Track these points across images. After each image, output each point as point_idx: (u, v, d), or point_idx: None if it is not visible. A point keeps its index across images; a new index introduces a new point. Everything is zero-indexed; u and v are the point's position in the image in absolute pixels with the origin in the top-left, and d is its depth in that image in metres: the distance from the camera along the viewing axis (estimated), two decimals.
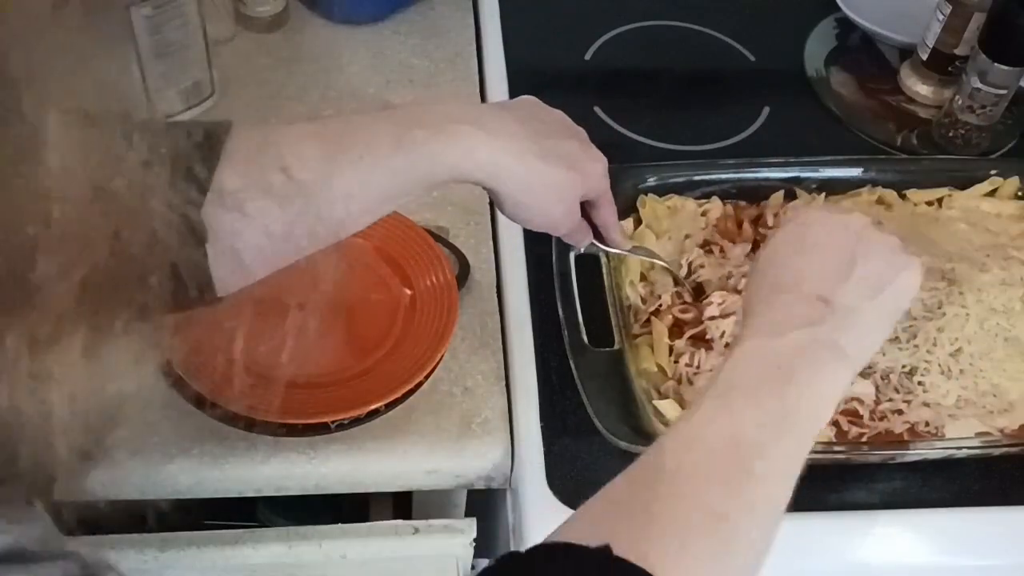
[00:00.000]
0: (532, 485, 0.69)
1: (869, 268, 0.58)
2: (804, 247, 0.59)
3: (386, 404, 0.70)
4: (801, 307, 0.55)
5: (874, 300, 0.57)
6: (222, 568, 0.71)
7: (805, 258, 0.59)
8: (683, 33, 1.06)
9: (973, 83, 0.90)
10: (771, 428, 0.50)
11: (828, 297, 0.56)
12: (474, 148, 0.58)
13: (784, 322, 0.55)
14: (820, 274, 0.57)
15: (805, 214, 0.63)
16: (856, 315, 0.56)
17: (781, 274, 0.58)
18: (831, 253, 0.59)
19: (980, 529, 0.70)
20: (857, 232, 0.60)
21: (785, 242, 0.60)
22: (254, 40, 0.99)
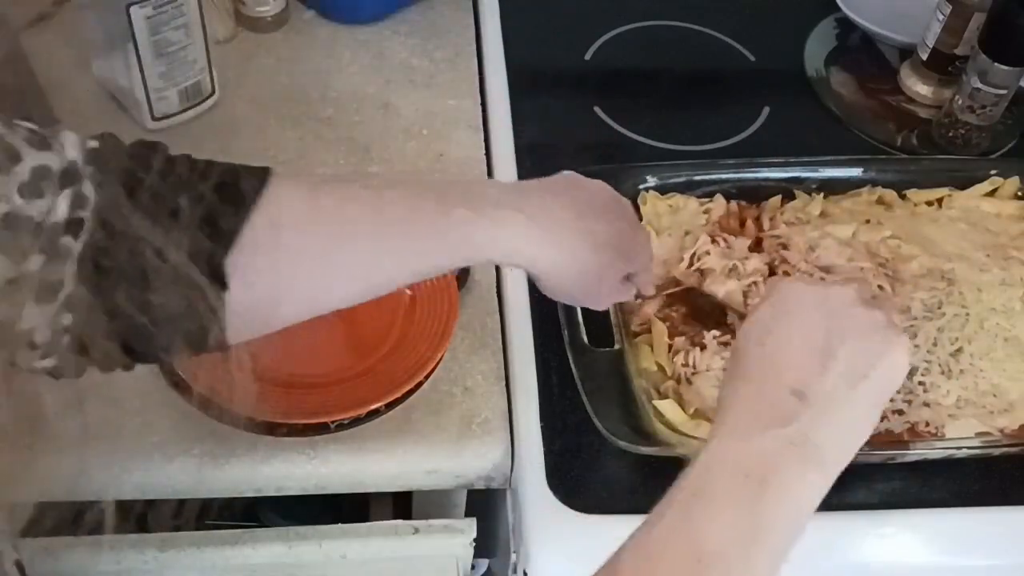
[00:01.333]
0: (532, 485, 0.69)
1: (851, 351, 0.52)
2: (777, 328, 0.54)
3: (386, 404, 0.70)
4: (772, 403, 0.50)
5: (855, 390, 0.51)
6: (222, 568, 0.71)
7: (778, 342, 0.53)
8: (683, 33, 1.06)
9: (973, 83, 0.90)
10: (738, 543, 0.46)
11: (802, 390, 0.50)
12: (516, 236, 0.57)
13: (753, 422, 0.50)
14: (793, 362, 0.52)
15: (780, 288, 0.56)
16: (835, 410, 0.51)
17: (752, 362, 0.53)
18: (810, 334, 0.53)
19: (980, 529, 0.70)
20: (835, 309, 0.54)
21: (758, 323, 0.55)
22: (254, 40, 0.99)
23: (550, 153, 0.90)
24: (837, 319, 0.53)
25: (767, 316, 0.55)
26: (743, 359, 0.54)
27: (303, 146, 0.90)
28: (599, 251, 0.60)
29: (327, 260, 0.53)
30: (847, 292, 0.55)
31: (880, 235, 0.80)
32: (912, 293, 0.76)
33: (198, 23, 0.84)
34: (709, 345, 0.73)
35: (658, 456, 0.68)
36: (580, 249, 0.59)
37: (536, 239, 0.57)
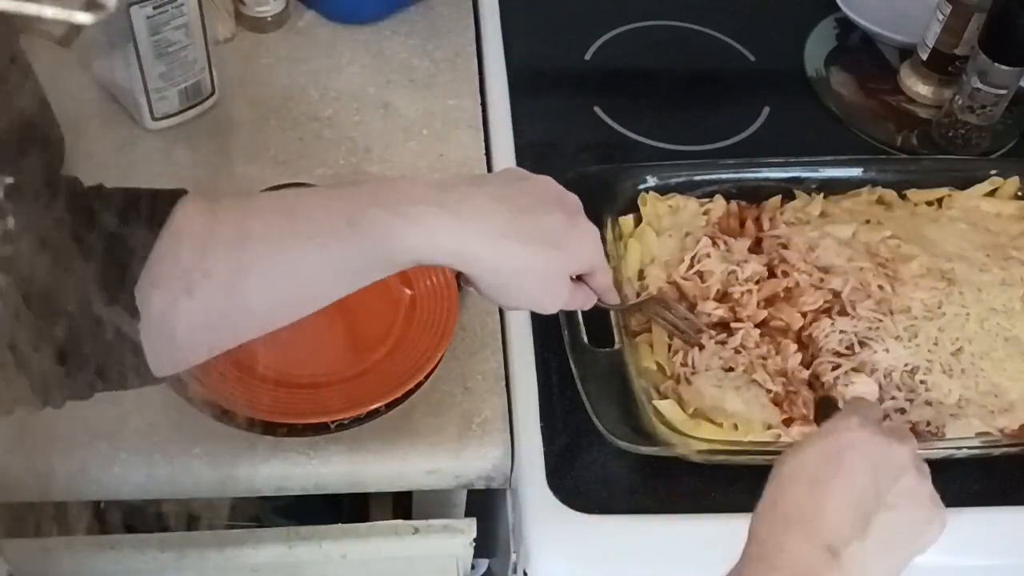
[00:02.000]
0: (532, 485, 0.69)
1: (893, 521, 0.52)
2: (830, 476, 0.52)
3: (386, 404, 0.70)
4: (806, 553, 0.50)
5: (884, 560, 0.52)
6: (222, 568, 0.71)
7: (827, 492, 0.52)
8: (683, 33, 1.06)
9: (973, 83, 0.90)
10: None
11: (838, 550, 0.50)
12: (435, 232, 0.53)
13: (785, 566, 0.50)
14: (837, 518, 0.51)
15: (845, 430, 0.54)
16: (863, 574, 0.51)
17: (796, 503, 0.52)
18: (857, 494, 0.52)
19: (980, 529, 0.70)
20: (894, 474, 0.53)
21: (812, 462, 0.53)
22: (254, 40, 0.99)
23: (550, 153, 0.90)
24: (888, 484, 0.52)
25: (822, 457, 0.53)
26: (785, 496, 0.53)
27: (303, 146, 0.90)
28: (531, 246, 0.56)
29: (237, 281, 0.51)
30: (904, 455, 0.54)
31: (880, 235, 0.80)
32: (912, 293, 0.76)
33: (198, 23, 0.84)
34: (708, 345, 0.73)
35: (658, 456, 0.68)
36: (510, 245, 0.55)
37: (460, 235, 0.54)
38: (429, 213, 0.53)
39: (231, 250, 0.51)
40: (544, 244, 0.56)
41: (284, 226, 0.52)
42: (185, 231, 0.50)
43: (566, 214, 0.58)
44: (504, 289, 0.57)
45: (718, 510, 0.68)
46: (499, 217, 0.55)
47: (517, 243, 0.55)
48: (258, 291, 0.52)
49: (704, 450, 0.68)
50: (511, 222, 0.55)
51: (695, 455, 0.68)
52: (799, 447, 0.54)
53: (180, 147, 0.88)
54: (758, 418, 0.70)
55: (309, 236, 0.52)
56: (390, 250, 0.53)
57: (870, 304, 0.75)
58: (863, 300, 0.75)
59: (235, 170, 0.87)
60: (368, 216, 0.52)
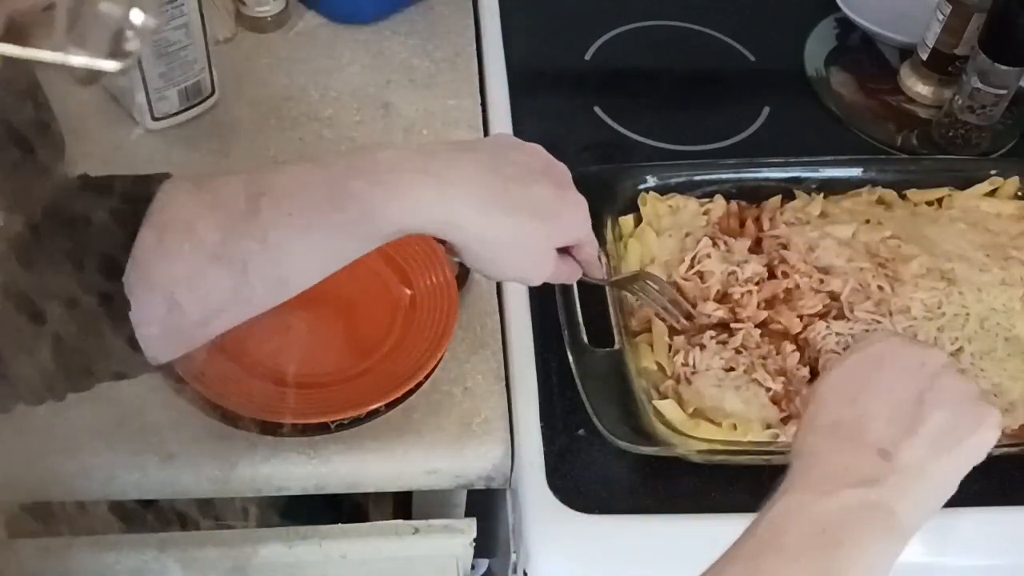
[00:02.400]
0: (532, 485, 0.69)
1: (941, 419, 0.51)
2: (870, 384, 0.52)
3: (386, 404, 0.70)
4: (858, 460, 0.50)
5: (940, 460, 0.51)
6: (222, 568, 0.71)
7: (869, 399, 0.52)
8: (683, 33, 1.06)
9: (973, 83, 0.90)
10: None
11: (890, 451, 0.50)
12: (420, 199, 0.52)
13: (836, 477, 0.49)
14: (884, 421, 0.51)
15: (877, 342, 0.55)
16: (919, 477, 0.50)
17: (840, 414, 0.52)
18: (900, 396, 0.51)
19: (980, 529, 0.70)
20: (932, 373, 0.52)
21: (849, 375, 0.53)
22: (254, 40, 0.99)
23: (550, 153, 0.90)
24: (929, 384, 0.52)
25: (859, 369, 0.53)
26: (827, 410, 0.52)
27: (303, 146, 0.90)
28: (517, 215, 0.54)
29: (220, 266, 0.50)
30: (940, 356, 0.53)
31: (880, 235, 0.80)
32: (912, 293, 0.76)
33: (198, 23, 0.84)
34: (708, 345, 0.73)
35: (658, 456, 0.68)
36: (496, 215, 0.54)
37: (445, 203, 0.52)
38: (413, 181, 0.52)
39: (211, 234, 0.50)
40: (531, 215, 0.55)
41: (264, 208, 0.51)
42: (168, 218, 0.50)
43: (555, 185, 0.57)
44: (489, 259, 0.56)
45: (718, 510, 0.68)
46: (486, 185, 0.53)
47: (504, 213, 0.54)
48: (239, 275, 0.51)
49: (704, 450, 0.68)
50: (498, 191, 0.54)
51: (695, 455, 0.68)
52: (835, 364, 0.54)
53: (180, 147, 0.88)
54: (758, 417, 0.70)
55: (290, 219, 0.50)
56: (374, 222, 0.52)
57: (868, 306, 0.75)
58: (862, 301, 0.75)
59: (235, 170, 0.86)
60: (349, 190, 0.51)
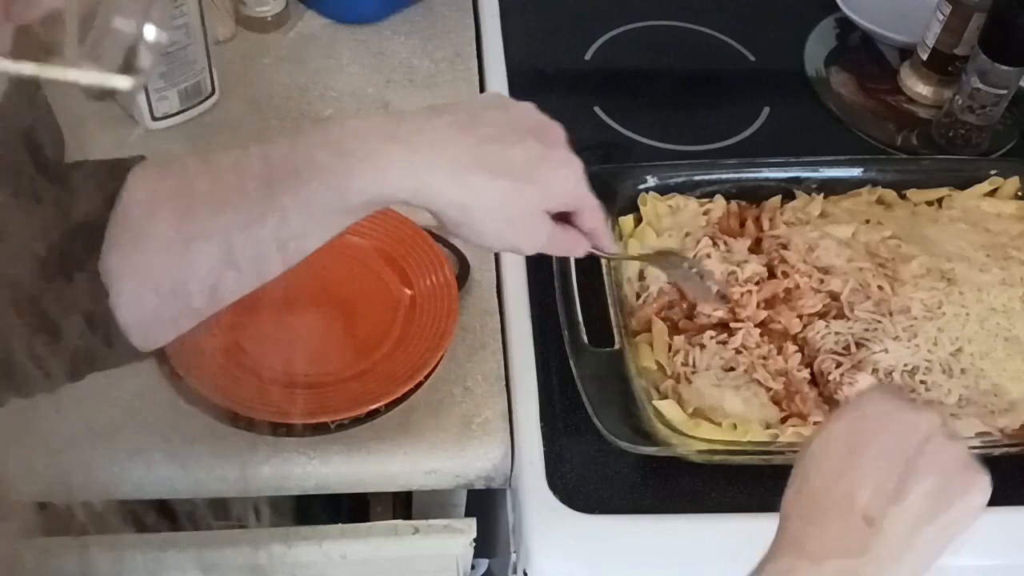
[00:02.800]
0: (532, 485, 0.69)
1: (928, 486, 0.50)
2: (859, 448, 0.51)
3: (386, 404, 0.70)
4: (843, 529, 0.49)
5: (927, 527, 0.50)
6: (222, 568, 0.71)
7: (857, 464, 0.50)
8: (683, 33, 1.06)
9: (973, 83, 0.90)
10: None
11: (876, 520, 0.49)
12: (388, 167, 0.49)
13: (822, 547, 0.49)
14: (872, 489, 0.50)
15: (867, 404, 0.53)
16: (904, 546, 0.49)
17: (827, 481, 0.51)
18: (889, 462, 0.50)
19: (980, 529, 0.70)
20: (923, 438, 0.51)
21: (838, 439, 0.52)
22: (254, 40, 0.99)
23: None
24: (921, 450, 0.51)
25: (850, 431, 0.52)
26: (817, 473, 0.51)
27: None
28: (497, 179, 0.51)
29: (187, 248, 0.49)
30: (931, 420, 0.52)
31: (880, 235, 0.80)
32: (912, 293, 0.76)
33: (198, 23, 0.84)
34: (708, 345, 0.73)
35: (658, 456, 0.68)
36: (472, 177, 0.51)
37: (413, 169, 0.49)
38: (378, 148, 0.49)
39: (178, 216, 0.49)
40: (512, 176, 0.52)
41: (231, 184, 0.49)
42: (137, 199, 0.49)
43: (542, 144, 0.53)
44: (471, 227, 0.53)
45: (718, 510, 0.68)
46: (460, 147, 0.51)
47: (480, 175, 0.51)
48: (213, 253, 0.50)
49: (704, 450, 0.68)
50: (473, 152, 0.51)
51: (695, 455, 0.68)
52: (824, 427, 0.53)
53: (180, 147, 0.88)
54: (757, 417, 0.70)
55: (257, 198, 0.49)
56: (342, 194, 0.50)
57: (868, 305, 0.75)
58: (862, 301, 0.75)
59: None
60: (314, 162, 0.49)
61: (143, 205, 0.49)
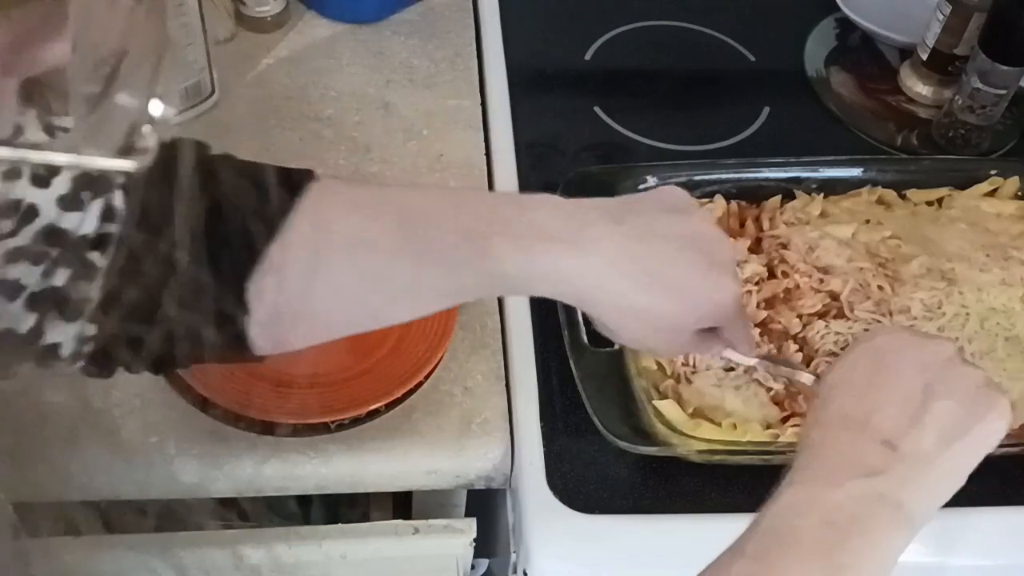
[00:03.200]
0: (532, 485, 0.69)
1: (947, 409, 0.50)
2: (875, 376, 0.51)
3: (386, 404, 0.70)
4: (863, 452, 0.49)
5: (948, 449, 0.50)
6: (222, 568, 0.71)
7: (876, 391, 0.51)
8: (683, 33, 1.06)
9: (973, 83, 0.90)
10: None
11: (895, 442, 0.49)
12: (558, 270, 0.51)
13: (842, 469, 0.48)
14: (891, 413, 0.50)
15: (883, 334, 0.54)
16: (926, 467, 0.49)
17: (845, 406, 0.51)
18: (905, 386, 0.51)
19: (980, 529, 0.70)
20: (940, 363, 0.52)
21: (854, 367, 0.52)
22: (254, 40, 0.99)
23: (550, 153, 0.90)
24: (936, 374, 0.51)
25: (865, 361, 0.52)
26: (833, 403, 0.51)
27: (303, 146, 0.90)
28: (655, 295, 0.52)
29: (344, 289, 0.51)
30: (947, 347, 0.53)
31: (880, 235, 0.80)
32: (912, 293, 0.76)
33: (198, 23, 0.84)
34: None
35: (658, 456, 0.68)
36: (632, 291, 0.52)
37: (585, 276, 0.51)
38: (557, 253, 0.51)
39: (345, 255, 0.50)
40: (666, 296, 0.53)
41: (400, 238, 0.51)
42: (303, 230, 0.49)
43: (706, 264, 0.53)
44: (619, 331, 0.55)
45: (718, 510, 0.68)
46: (631, 261, 0.52)
47: (639, 291, 0.52)
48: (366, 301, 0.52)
49: (704, 450, 0.68)
50: (640, 268, 0.52)
51: (695, 455, 0.68)
52: (842, 358, 0.53)
53: None
54: (757, 417, 0.70)
55: (423, 254, 0.51)
56: (508, 283, 0.53)
57: (869, 305, 0.75)
58: (862, 301, 0.75)
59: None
60: (490, 246, 0.50)
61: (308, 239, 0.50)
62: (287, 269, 0.49)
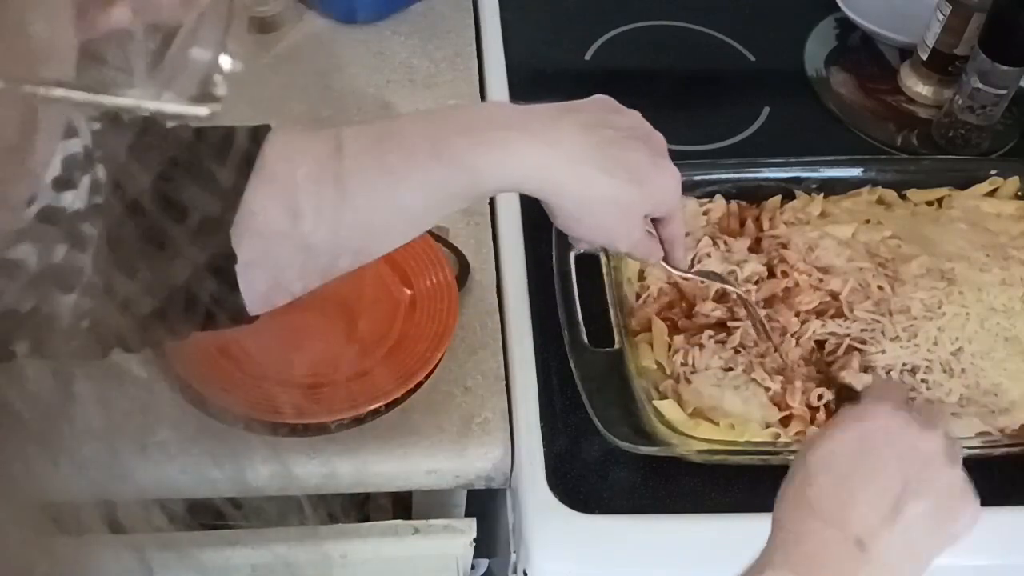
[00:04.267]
0: (532, 485, 0.69)
1: (921, 510, 0.50)
2: (857, 463, 0.51)
3: (386, 404, 0.70)
4: (834, 548, 0.49)
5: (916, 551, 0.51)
6: (222, 568, 0.71)
7: (854, 479, 0.51)
8: (683, 33, 1.06)
9: (973, 83, 0.90)
10: None
11: (866, 543, 0.49)
12: (523, 158, 0.54)
13: (813, 561, 0.49)
14: (866, 508, 0.50)
15: (871, 418, 0.53)
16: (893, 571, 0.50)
17: (824, 494, 0.51)
18: (884, 480, 0.51)
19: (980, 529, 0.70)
20: (922, 460, 0.51)
21: (839, 450, 0.52)
22: (254, 40, 0.99)
23: None
24: (917, 472, 0.51)
25: (852, 446, 0.52)
26: (814, 486, 0.51)
27: None
28: (615, 178, 0.56)
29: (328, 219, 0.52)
30: (934, 442, 0.52)
31: (880, 235, 0.80)
32: (912, 293, 0.76)
33: None
34: (707, 344, 0.73)
35: (658, 456, 0.68)
36: (595, 175, 0.55)
37: (548, 161, 0.54)
38: (517, 140, 0.53)
39: (321, 189, 0.52)
40: (628, 179, 0.56)
41: (371, 163, 0.53)
42: (275, 171, 0.51)
43: (651, 152, 0.58)
44: (581, 220, 0.58)
45: (718, 510, 0.68)
46: (587, 146, 0.55)
47: (602, 174, 0.55)
48: (352, 227, 0.53)
49: (703, 450, 0.68)
50: (597, 152, 0.55)
51: (695, 455, 0.68)
52: (828, 434, 0.53)
53: None
54: (757, 417, 0.70)
55: (395, 171, 0.53)
56: (477, 178, 0.53)
57: (868, 305, 0.75)
58: (862, 301, 0.75)
59: None
60: (454, 146, 0.53)
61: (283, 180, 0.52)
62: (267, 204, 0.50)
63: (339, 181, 0.52)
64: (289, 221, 0.51)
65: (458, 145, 0.53)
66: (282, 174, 0.52)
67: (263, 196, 0.50)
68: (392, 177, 0.53)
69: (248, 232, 0.50)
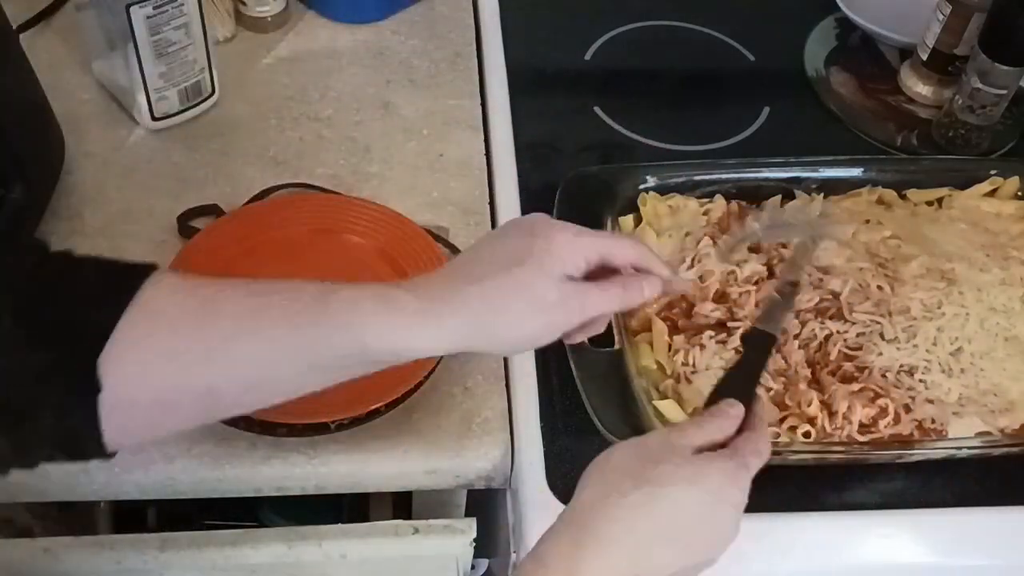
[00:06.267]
0: (532, 485, 0.69)
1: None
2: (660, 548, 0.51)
3: (386, 404, 0.70)
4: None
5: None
6: (222, 568, 0.71)
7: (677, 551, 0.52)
8: (683, 33, 1.06)
9: (973, 83, 0.90)
10: None
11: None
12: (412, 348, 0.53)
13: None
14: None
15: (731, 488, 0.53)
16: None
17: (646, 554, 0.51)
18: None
19: (980, 529, 0.70)
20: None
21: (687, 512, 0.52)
22: (254, 40, 0.99)
23: (550, 153, 0.91)
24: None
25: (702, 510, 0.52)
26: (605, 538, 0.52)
27: (303, 146, 0.90)
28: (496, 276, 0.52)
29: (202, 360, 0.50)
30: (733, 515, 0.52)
31: (880, 235, 0.80)
32: (912, 293, 0.76)
33: (198, 23, 0.84)
34: (708, 344, 0.73)
35: None
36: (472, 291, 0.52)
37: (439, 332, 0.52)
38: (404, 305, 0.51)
39: (199, 329, 0.50)
40: (505, 266, 0.52)
41: (254, 305, 0.51)
42: (152, 307, 0.50)
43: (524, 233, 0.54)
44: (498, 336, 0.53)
45: None
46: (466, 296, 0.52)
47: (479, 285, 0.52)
48: (224, 372, 0.51)
49: None
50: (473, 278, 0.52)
51: None
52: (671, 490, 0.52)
53: (180, 147, 0.88)
54: None
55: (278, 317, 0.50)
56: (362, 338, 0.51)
57: (868, 306, 0.75)
58: (862, 301, 0.75)
59: (235, 170, 0.87)
60: (340, 296, 0.51)
61: (158, 316, 0.50)
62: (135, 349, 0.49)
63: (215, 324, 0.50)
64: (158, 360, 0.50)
65: (345, 297, 0.51)
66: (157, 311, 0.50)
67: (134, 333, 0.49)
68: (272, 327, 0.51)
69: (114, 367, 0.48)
